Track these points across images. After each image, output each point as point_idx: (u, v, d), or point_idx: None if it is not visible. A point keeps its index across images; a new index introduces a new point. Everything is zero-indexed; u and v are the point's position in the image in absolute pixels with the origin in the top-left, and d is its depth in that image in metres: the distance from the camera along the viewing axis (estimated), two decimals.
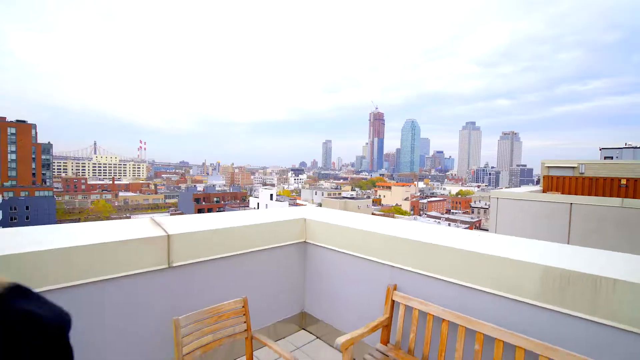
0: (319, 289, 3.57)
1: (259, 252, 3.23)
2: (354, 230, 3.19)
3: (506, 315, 2.19)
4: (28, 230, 2.44)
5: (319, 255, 3.53)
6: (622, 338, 1.77)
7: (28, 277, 1.96)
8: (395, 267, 2.81)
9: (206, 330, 2.20)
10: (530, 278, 2.07)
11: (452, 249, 2.46)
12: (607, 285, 1.81)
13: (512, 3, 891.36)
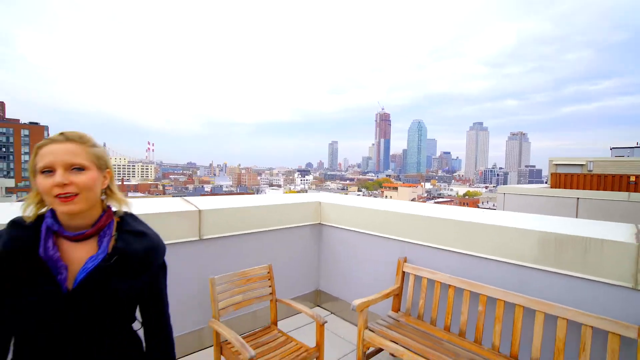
0: (333, 268, 3.82)
1: (278, 232, 3.50)
2: (365, 210, 3.44)
3: (507, 278, 2.42)
4: None
5: (333, 235, 3.79)
6: (608, 291, 1.99)
7: None
8: (405, 242, 3.06)
9: (237, 291, 2.47)
10: (528, 243, 2.30)
11: (458, 222, 2.70)
12: (595, 245, 2.04)
13: (518, 3, 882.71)
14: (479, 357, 2.28)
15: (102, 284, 0.95)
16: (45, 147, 0.93)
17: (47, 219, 0.97)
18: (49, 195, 0.91)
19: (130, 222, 1.10)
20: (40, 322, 0.89)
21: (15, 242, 0.92)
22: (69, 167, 0.93)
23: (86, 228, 0.99)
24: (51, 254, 0.93)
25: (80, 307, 0.92)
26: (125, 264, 1.01)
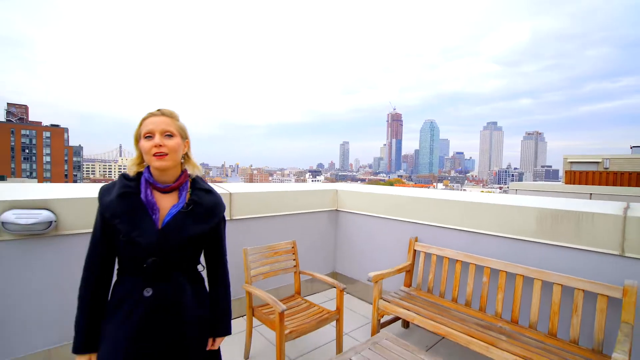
0: (348, 251, 4.12)
1: (298, 216, 3.82)
2: (378, 195, 3.73)
3: (508, 251, 2.67)
4: None
5: (349, 220, 4.09)
6: (598, 258, 2.24)
7: None
8: (416, 223, 3.33)
9: (265, 262, 2.80)
10: (527, 219, 2.56)
11: (463, 202, 2.97)
12: (587, 219, 2.28)
13: (533, 0, 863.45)
14: (483, 322, 2.55)
15: (182, 225, 1.28)
16: (148, 119, 1.27)
17: (144, 174, 1.30)
18: (148, 154, 1.25)
19: (200, 182, 1.43)
20: (140, 248, 1.22)
21: (126, 188, 1.26)
22: (163, 133, 1.26)
23: (170, 183, 1.32)
24: (150, 199, 1.26)
25: (168, 239, 1.24)
26: (198, 212, 1.33)
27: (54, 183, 3.03)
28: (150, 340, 1.20)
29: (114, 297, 1.26)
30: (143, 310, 1.20)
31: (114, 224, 1.21)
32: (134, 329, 1.19)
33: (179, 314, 1.25)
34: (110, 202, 1.23)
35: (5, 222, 2.13)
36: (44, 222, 2.24)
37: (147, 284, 1.22)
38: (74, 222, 2.41)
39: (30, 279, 2.28)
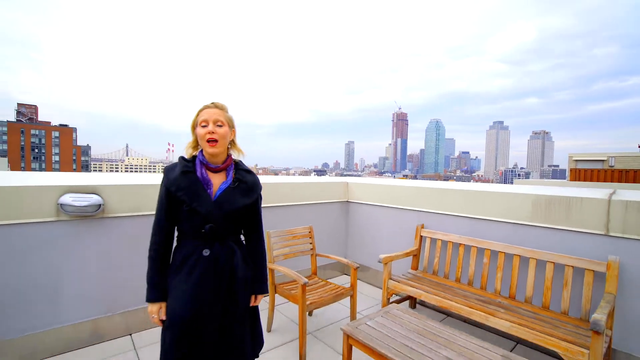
0: (358, 239, 4.40)
1: (312, 206, 4.11)
2: (386, 187, 4.00)
3: (507, 235, 2.93)
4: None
5: (359, 210, 4.37)
6: (586, 238, 2.49)
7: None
8: (422, 211, 3.60)
9: (285, 244, 3.09)
10: (523, 205, 2.82)
11: (465, 191, 3.23)
12: (577, 203, 2.53)
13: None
14: (483, 298, 2.81)
15: (230, 198, 1.56)
16: (204, 110, 1.55)
17: (199, 156, 1.59)
18: (203, 139, 1.53)
19: (241, 164, 1.72)
20: (200, 216, 1.50)
21: (186, 167, 1.54)
22: (215, 123, 1.54)
23: (219, 164, 1.61)
24: (205, 176, 1.55)
25: (221, 209, 1.53)
26: (242, 188, 1.62)
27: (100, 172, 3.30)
28: (209, 291, 1.49)
29: (177, 258, 1.55)
30: (203, 267, 1.49)
31: (178, 196, 1.50)
32: (196, 282, 1.48)
33: (231, 270, 1.54)
34: (175, 179, 1.52)
35: (63, 204, 2.45)
36: (95, 205, 2.56)
37: (206, 246, 1.51)
38: (118, 206, 2.72)
39: (81, 256, 2.60)
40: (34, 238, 2.40)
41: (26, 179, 2.60)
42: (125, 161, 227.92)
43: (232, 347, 1.54)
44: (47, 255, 2.46)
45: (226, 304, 1.53)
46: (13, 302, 2.34)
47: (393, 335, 2.09)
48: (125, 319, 2.81)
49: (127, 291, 2.81)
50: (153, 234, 1.57)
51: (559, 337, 2.12)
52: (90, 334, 2.65)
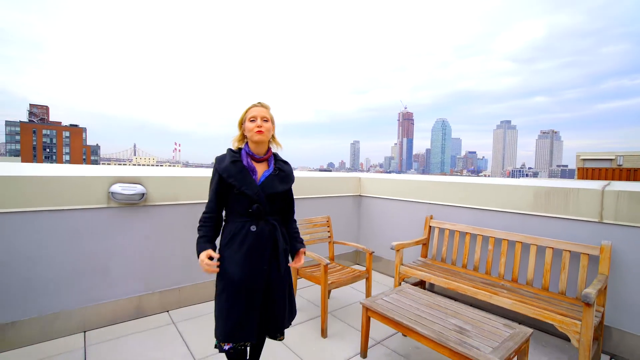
0: (370, 230, 4.67)
1: (327, 199, 4.40)
2: (397, 181, 4.28)
3: (510, 224, 3.19)
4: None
5: (371, 203, 4.65)
6: (582, 225, 2.74)
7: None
8: (430, 204, 3.87)
9: (306, 232, 3.38)
10: (525, 196, 3.07)
11: (471, 184, 3.49)
12: (574, 193, 2.79)
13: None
14: (488, 281, 3.07)
15: (272, 183, 1.85)
16: (252, 108, 1.84)
17: (245, 148, 1.88)
18: (251, 131, 1.82)
19: (279, 156, 2.01)
20: (248, 197, 1.79)
21: (234, 157, 1.83)
22: (262, 118, 1.83)
23: (262, 155, 1.90)
24: (250, 165, 1.84)
25: (265, 192, 1.81)
26: (281, 176, 1.91)
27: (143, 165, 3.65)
28: (256, 259, 1.78)
29: (227, 233, 1.84)
30: (251, 240, 1.78)
31: (229, 182, 1.79)
32: (246, 252, 1.77)
33: (274, 242, 1.84)
34: (226, 167, 1.80)
35: (113, 192, 2.77)
36: (139, 194, 2.88)
37: (253, 222, 1.80)
38: (157, 195, 3.04)
39: (127, 239, 2.92)
40: (89, 222, 2.73)
41: (80, 171, 2.93)
42: (133, 160, 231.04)
43: (274, 306, 1.83)
44: (99, 237, 2.78)
45: (269, 269, 1.82)
46: (72, 278, 2.67)
47: (406, 308, 2.37)
48: (162, 297, 3.12)
49: (164, 272, 3.13)
50: (205, 212, 1.85)
51: (555, 312, 2.38)
52: (135, 309, 2.97)
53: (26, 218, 2.48)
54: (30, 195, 2.48)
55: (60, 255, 2.62)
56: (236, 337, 1.73)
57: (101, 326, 2.81)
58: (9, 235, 2.42)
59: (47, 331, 2.58)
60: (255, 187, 1.79)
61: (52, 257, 2.58)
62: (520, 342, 1.94)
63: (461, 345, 1.88)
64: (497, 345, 1.88)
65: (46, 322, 2.58)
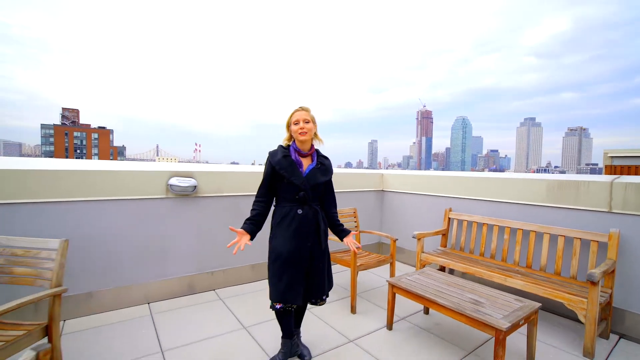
0: (393, 223, 4.99)
1: (352, 193, 4.75)
2: (418, 176, 4.57)
3: (524, 215, 3.44)
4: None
5: (393, 198, 4.96)
6: (592, 215, 2.97)
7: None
8: (449, 197, 4.15)
9: None
10: (539, 189, 3.32)
11: (488, 179, 3.76)
12: (584, 185, 3.02)
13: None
14: (503, 267, 3.34)
15: (315, 175, 2.22)
16: (296, 113, 2.21)
17: (292, 145, 2.25)
18: (296, 133, 2.18)
19: (320, 152, 2.37)
20: (295, 186, 2.17)
21: (284, 152, 2.21)
22: (304, 121, 2.20)
23: (306, 151, 2.26)
24: (297, 159, 2.22)
25: (309, 182, 2.18)
26: (322, 169, 2.27)
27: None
28: (301, 236, 2.16)
29: (278, 215, 2.22)
30: (298, 221, 2.16)
31: (280, 173, 2.16)
32: (293, 230, 2.15)
33: (316, 224, 2.21)
34: (279, 160, 2.18)
35: (171, 184, 3.23)
36: (192, 186, 3.33)
37: (299, 207, 2.18)
38: (206, 187, 3.48)
39: (181, 226, 3.38)
40: (152, 210, 3.20)
41: (143, 167, 3.41)
42: (156, 161, 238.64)
43: (316, 275, 2.21)
44: (158, 223, 3.25)
45: (312, 245, 2.20)
46: (139, 256, 3.15)
47: (428, 285, 2.70)
48: (210, 277, 3.57)
49: (211, 256, 3.57)
50: (256, 196, 2.24)
51: (564, 291, 2.64)
52: (188, 286, 3.43)
53: (105, 205, 2.97)
54: (107, 186, 2.96)
55: (130, 237, 3.10)
56: (286, 299, 2.11)
57: (162, 299, 3.28)
58: (93, 218, 2.91)
59: (119, 301, 3.07)
60: (302, 178, 2.16)
61: (125, 237, 3.07)
62: (528, 312, 2.22)
63: (476, 312, 2.19)
64: (507, 313, 2.18)
65: (119, 293, 3.06)
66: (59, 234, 2.73)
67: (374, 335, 2.75)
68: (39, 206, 2.68)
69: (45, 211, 2.71)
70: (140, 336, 2.63)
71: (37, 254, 1.99)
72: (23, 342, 1.79)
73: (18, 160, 3.08)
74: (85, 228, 2.88)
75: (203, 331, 2.73)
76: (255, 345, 2.55)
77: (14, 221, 2.59)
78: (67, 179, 2.80)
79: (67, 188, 2.80)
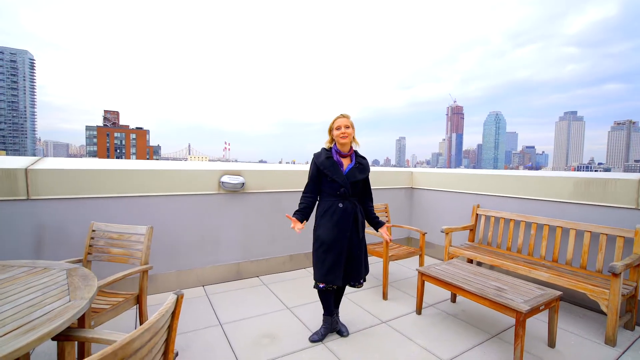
0: (422, 219, 5.21)
1: (383, 190, 5.02)
2: (447, 174, 4.77)
3: (551, 211, 3.57)
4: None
5: (422, 195, 5.18)
6: (619, 211, 3.08)
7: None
8: (477, 194, 4.33)
9: None
10: (566, 186, 3.44)
11: (516, 176, 3.91)
12: (612, 183, 3.12)
13: None
14: (529, 261, 3.50)
15: (354, 174, 2.54)
16: (337, 120, 2.54)
17: (334, 147, 2.59)
18: (338, 137, 2.52)
19: (358, 152, 2.70)
20: (337, 183, 2.50)
21: (327, 154, 2.55)
22: (345, 127, 2.53)
23: (346, 152, 2.59)
24: (338, 160, 2.55)
25: (349, 180, 2.51)
26: (360, 168, 2.59)
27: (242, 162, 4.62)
28: (342, 226, 2.50)
29: (321, 208, 2.57)
30: (339, 214, 2.50)
31: (324, 172, 2.50)
32: (335, 222, 2.49)
33: (355, 216, 2.54)
34: (323, 161, 2.52)
35: (223, 182, 3.68)
36: (240, 183, 3.76)
37: (340, 201, 2.52)
38: (253, 184, 3.91)
39: (231, 218, 3.82)
40: (207, 204, 3.67)
41: (197, 166, 3.90)
42: (188, 159, 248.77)
43: (354, 261, 2.54)
44: (212, 216, 3.71)
45: (351, 235, 2.53)
46: (195, 246, 3.63)
47: (455, 274, 2.95)
48: (255, 264, 4.00)
49: (256, 245, 4.00)
50: (304, 192, 2.60)
51: (588, 283, 2.80)
52: (236, 272, 3.88)
53: (169, 199, 3.46)
54: (171, 183, 3.45)
55: (189, 228, 3.58)
56: (328, 280, 2.46)
57: (214, 283, 3.75)
58: (155, 211, 3.41)
59: (180, 282, 3.56)
60: (343, 176, 2.50)
61: (184, 228, 3.55)
62: (549, 298, 2.43)
63: (499, 297, 2.43)
64: (528, 299, 2.40)
65: (179, 275, 3.56)
66: (137, 223, 3.25)
67: (404, 318, 3.04)
68: (122, 200, 3.21)
69: (125, 204, 3.24)
70: (201, 311, 3.09)
71: (129, 237, 2.47)
72: (122, 306, 2.27)
73: (96, 161, 3.67)
74: (155, 219, 3.38)
75: (253, 310, 3.15)
76: (299, 322, 2.93)
77: (106, 211, 3.13)
78: (139, 177, 3.31)
79: (140, 184, 3.31)
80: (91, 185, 3.07)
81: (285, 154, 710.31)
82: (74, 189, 2.99)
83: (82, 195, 3.03)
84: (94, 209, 3.08)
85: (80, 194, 3.02)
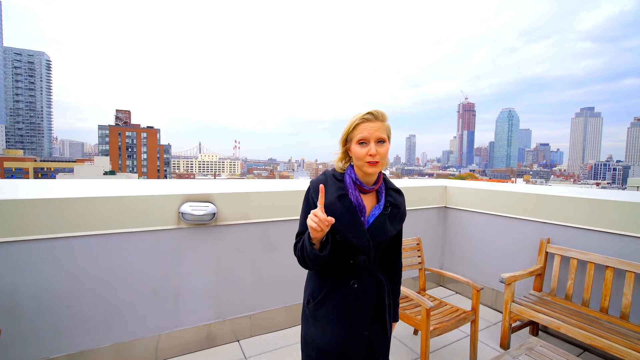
0: (458, 249, 3.98)
1: (411, 212, 3.80)
2: (495, 191, 3.52)
3: None
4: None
5: (459, 218, 3.95)
6: None
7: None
8: (545, 223, 3.08)
9: None
10: None
11: (609, 201, 2.64)
12: None
13: None
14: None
15: (383, 226, 1.34)
16: (362, 125, 1.30)
17: (351, 175, 1.36)
18: (361, 160, 1.30)
19: (387, 179, 1.48)
20: (353, 247, 1.31)
21: (341, 189, 1.33)
22: (377, 140, 1.29)
23: (371, 186, 1.39)
24: (360, 201, 1.33)
25: (374, 240, 1.32)
26: (393, 213, 1.39)
27: (212, 179, 3.54)
28: (357, 324, 1.32)
29: (321, 287, 1.37)
30: (351, 300, 1.32)
31: (333, 226, 1.24)
32: (345, 314, 1.32)
33: (379, 300, 1.37)
34: (331, 202, 1.31)
35: (183, 212, 2.54)
36: (210, 214, 2.61)
37: (354, 277, 1.33)
38: (229, 213, 2.76)
39: (196, 262, 2.68)
40: (158, 244, 2.53)
41: (149, 188, 2.76)
42: (198, 158, 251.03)
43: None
44: (169, 260, 2.57)
45: (372, 336, 1.35)
46: (143, 304, 2.49)
47: None
48: (233, 324, 2.85)
49: (235, 297, 2.85)
50: (297, 236, 1.40)
51: None
52: (206, 338, 2.74)
53: (99, 240, 2.33)
54: (103, 215, 2.32)
55: (133, 280, 2.44)
56: None
57: (174, 356, 2.61)
58: (80, 259, 2.28)
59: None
60: (365, 235, 1.29)
61: (125, 280, 2.42)
62: None
63: None
64: None
65: (120, 351, 2.42)
66: (50, 277, 2.12)
67: None
68: (21, 245, 2.09)
69: (29, 250, 2.12)
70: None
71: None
72: None
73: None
74: (79, 269, 2.26)
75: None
76: None
77: None
78: (48, 209, 2.18)
79: (49, 220, 2.18)
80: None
81: (295, 152, 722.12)
82: None
83: None
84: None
85: None
